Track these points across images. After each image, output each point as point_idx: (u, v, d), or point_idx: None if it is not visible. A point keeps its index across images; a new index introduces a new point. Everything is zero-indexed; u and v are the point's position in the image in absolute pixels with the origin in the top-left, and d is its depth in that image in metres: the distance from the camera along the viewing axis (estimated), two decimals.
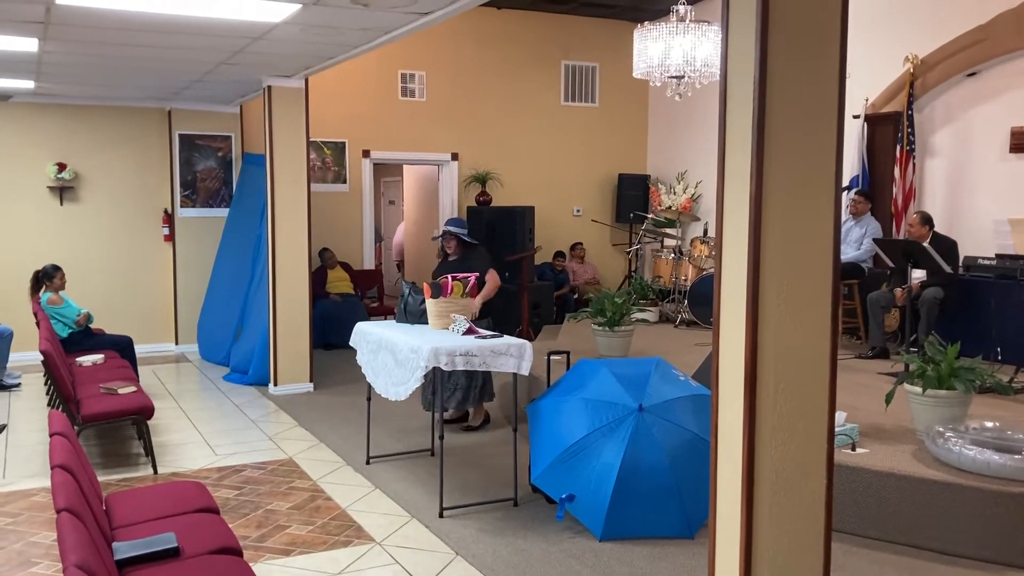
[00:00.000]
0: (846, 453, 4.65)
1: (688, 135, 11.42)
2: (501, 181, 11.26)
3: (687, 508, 4.46)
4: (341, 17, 5.53)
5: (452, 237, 6.41)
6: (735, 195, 2.87)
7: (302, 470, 5.72)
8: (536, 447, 4.78)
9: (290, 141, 7.86)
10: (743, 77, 2.80)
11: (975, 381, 4.87)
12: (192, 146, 10.04)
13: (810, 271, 2.89)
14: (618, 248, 12.04)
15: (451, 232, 6.42)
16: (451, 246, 6.43)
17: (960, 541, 4.24)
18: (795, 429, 2.92)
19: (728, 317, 2.92)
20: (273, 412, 7.31)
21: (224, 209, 10.13)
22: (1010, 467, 4.20)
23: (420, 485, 5.34)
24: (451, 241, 6.42)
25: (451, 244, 6.43)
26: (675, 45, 7.10)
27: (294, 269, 7.92)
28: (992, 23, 7.72)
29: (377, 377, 5.36)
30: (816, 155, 2.87)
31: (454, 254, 6.43)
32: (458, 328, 5.08)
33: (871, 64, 8.46)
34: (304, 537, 4.55)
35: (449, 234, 6.42)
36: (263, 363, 8.16)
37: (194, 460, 5.97)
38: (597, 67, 11.92)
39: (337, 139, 10.67)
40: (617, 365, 5.07)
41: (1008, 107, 7.76)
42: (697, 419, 4.60)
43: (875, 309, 7.63)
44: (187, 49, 6.62)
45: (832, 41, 2.86)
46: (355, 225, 10.93)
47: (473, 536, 4.54)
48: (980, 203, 7.99)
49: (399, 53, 10.46)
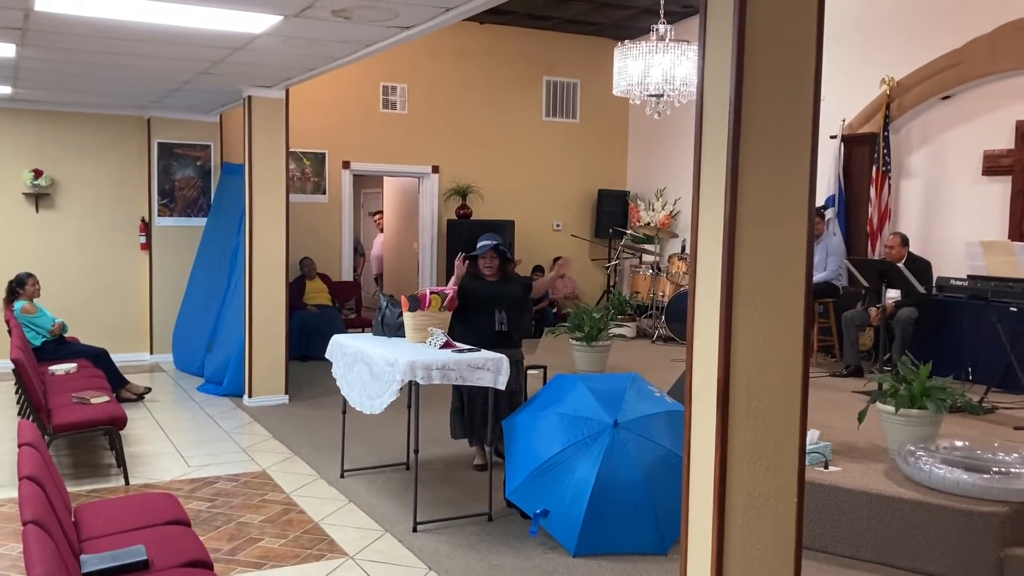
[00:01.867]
0: (819, 471, 4.68)
1: (668, 152, 11.50)
2: (482, 195, 11.28)
3: (661, 524, 4.46)
4: (322, 29, 5.53)
5: (496, 256, 5.56)
6: (710, 213, 2.89)
7: (275, 483, 5.68)
8: (511, 462, 4.78)
9: (270, 151, 7.84)
10: (719, 97, 2.83)
11: (946, 401, 4.92)
12: (171, 155, 9.99)
13: (783, 290, 2.91)
14: (597, 263, 12.08)
15: (494, 247, 5.54)
16: (492, 266, 5.57)
17: (930, 559, 4.27)
18: (767, 446, 2.94)
19: (702, 334, 2.94)
20: (247, 424, 7.26)
21: (202, 219, 10.07)
22: (979, 486, 4.25)
23: (394, 499, 5.32)
24: (494, 260, 5.55)
25: (493, 264, 5.56)
26: (655, 64, 7.17)
27: (271, 280, 7.88)
28: (966, 48, 7.85)
29: (352, 390, 5.33)
30: (790, 175, 2.90)
31: (493, 275, 5.60)
32: (435, 342, 5.07)
33: (848, 85, 8.57)
34: (276, 550, 4.52)
35: (492, 250, 5.55)
36: (238, 374, 8.10)
37: (166, 471, 5.92)
38: (578, 83, 11.99)
39: (317, 150, 10.65)
40: (593, 380, 5.09)
41: (981, 130, 7.88)
42: (672, 435, 4.62)
43: (850, 328, 7.70)
44: (167, 58, 6.60)
45: (807, 63, 2.90)
46: (334, 236, 10.90)
47: (447, 551, 4.53)
48: (954, 224, 8.10)
49: (381, 65, 10.47)
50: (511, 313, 5.54)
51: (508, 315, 5.53)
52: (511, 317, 5.54)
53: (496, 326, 5.52)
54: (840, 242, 8.57)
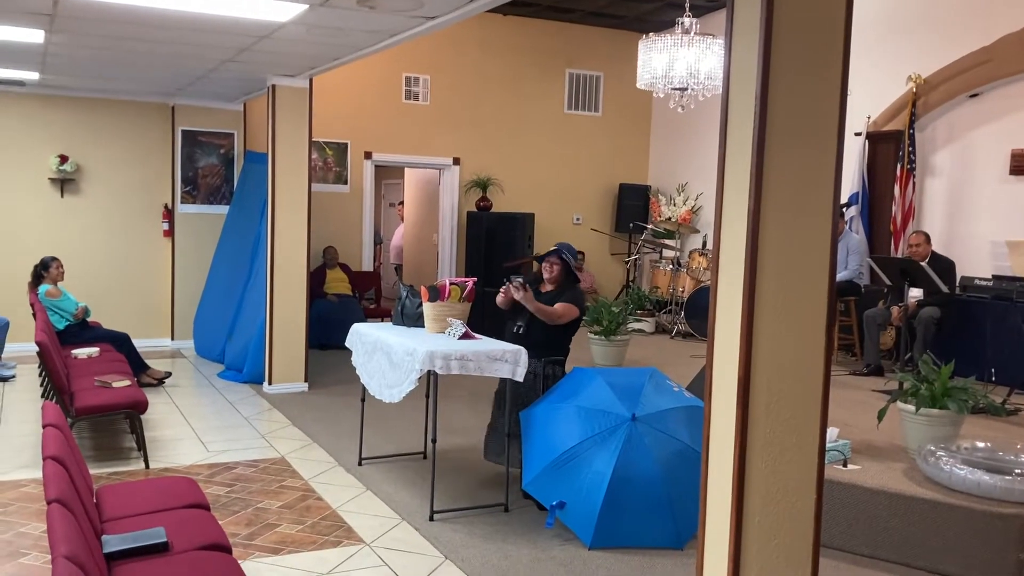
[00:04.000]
0: (837, 469, 4.66)
1: (690, 147, 11.45)
2: (502, 187, 11.28)
3: (677, 519, 4.46)
4: (347, 18, 5.54)
5: (559, 263, 5.23)
6: (733, 208, 2.88)
7: (294, 469, 5.72)
8: (528, 453, 4.78)
9: (292, 140, 7.87)
10: (745, 91, 2.82)
11: (968, 401, 4.87)
12: (194, 142, 10.05)
13: (806, 287, 2.90)
14: (617, 258, 12.05)
15: (560, 257, 5.22)
16: (554, 273, 5.24)
17: (949, 560, 4.24)
18: (787, 443, 2.93)
19: (723, 330, 2.93)
20: (267, 411, 7.31)
21: (224, 206, 10.14)
22: (1000, 487, 4.21)
23: (412, 488, 5.34)
24: (555, 267, 5.23)
25: (554, 270, 5.24)
26: (679, 57, 7.14)
27: (292, 268, 7.92)
28: (996, 45, 7.76)
29: (371, 379, 5.36)
30: (815, 172, 2.88)
31: (552, 283, 5.27)
32: (454, 332, 5.08)
33: (874, 82, 8.50)
34: (294, 536, 4.55)
35: (556, 257, 5.24)
36: (258, 361, 8.15)
37: (186, 456, 5.97)
38: (601, 76, 11.95)
39: (340, 140, 10.68)
40: (611, 374, 5.08)
41: (1009, 129, 7.79)
42: (690, 430, 4.61)
43: (871, 327, 7.65)
44: (193, 45, 6.64)
45: (835, 58, 2.88)
46: (355, 226, 10.94)
47: (463, 540, 4.54)
48: (979, 224, 8.02)
49: (404, 56, 10.49)
50: (538, 322, 5.12)
51: (531, 322, 5.17)
52: (536, 326, 5.15)
53: (515, 328, 5.27)
54: (861, 240, 8.52)
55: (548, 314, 5.08)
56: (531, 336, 5.17)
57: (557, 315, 5.10)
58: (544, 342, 5.17)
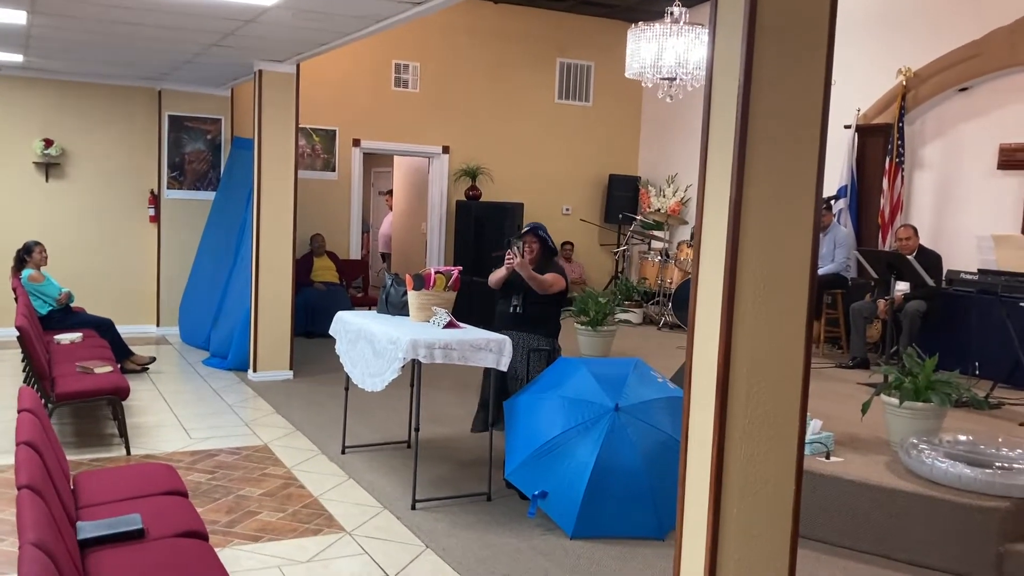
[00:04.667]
0: (820, 461, 4.66)
1: (680, 138, 11.42)
2: (492, 176, 11.24)
3: (659, 509, 4.45)
4: (333, 3, 5.49)
5: (536, 240, 5.28)
6: (715, 199, 2.86)
7: (276, 457, 5.69)
8: (511, 443, 4.77)
9: (279, 126, 7.81)
10: (728, 81, 2.79)
11: (951, 395, 4.88)
12: (181, 127, 9.97)
13: (787, 278, 2.88)
14: (606, 248, 12.04)
15: (537, 235, 5.30)
16: (534, 252, 5.26)
17: (930, 553, 4.25)
18: (766, 435, 2.91)
19: (703, 321, 2.91)
20: (251, 398, 7.28)
21: (211, 192, 10.07)
22: (981, 481, 4.22)
23: (394, 476, 5.32)
24: (535, 245, 5.27)
25: (534, 249, 5.27)
26: (668, 47, 7.12)
27: (278, 255, 7.87)
28: (986, 39, 7.75)
29: (355, 367, 5.33)
30: (798, 164, 2.86)
31: (532, 263, 5.24)
32: (439, 321, 5.05)
33: (864, 75, 8.49)
34: (274, 524, 4.53)
35: (533, 236, 5.29)
36: (243, 348, 8.12)
37: (168, 443, 5.94)
38: (592, 66, 11.91)
39: (328, 126, 10.62)
40: (596, 364, 5.07)
41: (998, 124, 7.80)
42: (673, 421, 4.60)
43: (857, 319, 7.65)
44: (178, 29, 6.57)
45: (819, 50, 2.86)
46: (343, 214, 10.89)
47: (444, 529, 4.53)
48: (966, 218, 8.03)
49: (393, 43, 10.43)
50: (532, 298, 5.21)
51: (527, 299, 5.24)
52: (531, 302, 5.24)
53: (510, 308, 5.33)
54: (849, 233, 8.52)
55: (540, 282, 5.16)
56: (527, 312, 5.26)
57: (548, 284, 5.19)
58: (540, 317, 5.27)
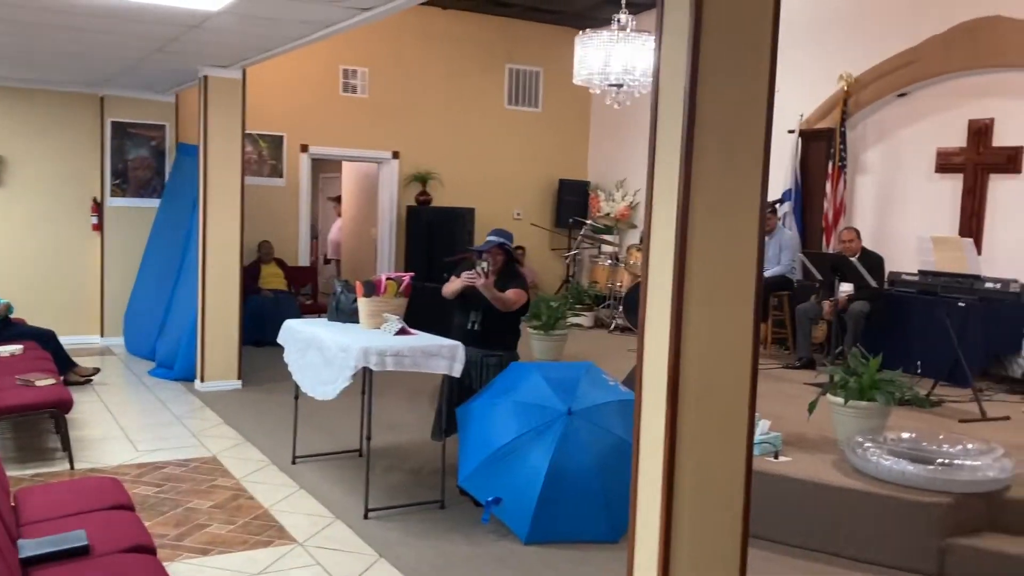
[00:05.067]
0: (768, 461, 4.73)
1: (628, 143, 11.52)
2: (442, 181, 11.22)
3: (612, 512, 4.48)
4: (280, 8, 5.44)
5: (502, 253, 5.15)
6: (663, 203, 2.89)
7: (225, 468, 5.61)
8: (464, 449, 4.76)
9: (225, 133, 7.71)
10: (674, 87, 2.83)
11: (895, 393, 5.00)
12: (125, 134, 9.78)
13: (734, 281, 2.92)
14: (557, 253, 12.09)
15: (502, 248, 5.15)
16: (498, 264, 5.13)
17: (876, 548, 4.34)
18: (716, 436, 2.95)
19: (653, 323, 2.94)
20: (198, 408, 7.16)
21: (156, 200, 9.89)
22: (924, 477, 4.32)
23: (346, 486, 5.28)
24: (499, 257, 5.14)
25: (498, 261, 5.13)
26: (615, 53, 7.17)
27: (225, 263, 7.76)
28: (921, 47, 7.96)
29: (304, 376, 5.28)
30: (743, 168, 2.91)
31: (496, 273, 5.11)
32: (390, 328, 5.03)
33: (807, 81, 8.65)
34: (224, 536, 4.46)
35: (499, 248, 5.14)
36: (190, 358, 7.98)
37: (113, 456, 5.81)
38: (541, 72, 11.96)
39: (275, 132, 10.51)
40: (548, 369, 5.08)
41: (935, 128, 8.00)
42: (625, 424, 4.62)
43: (803, 321, 7.79)
44: (120, 35, 6.44)
45: (763, 57, 2.91)
46: (291, 221, 10.77)
47: (397, 538, 4.50)
48: (907, 220, 8.22)
49: (341, 48, 10.36)
50: (490, 314, 5.13)
51: (486, 316, 5.13)
52: (490, 318, 5.13)
53: (468, 325, 5.18)
54: (794, 236, 8.68)
55: (503, 301, 5.06)
56: (485, 329, 5.13)
57: (511, 302, 5.10)
58: (499, 333, 5.19)
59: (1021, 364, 7.25)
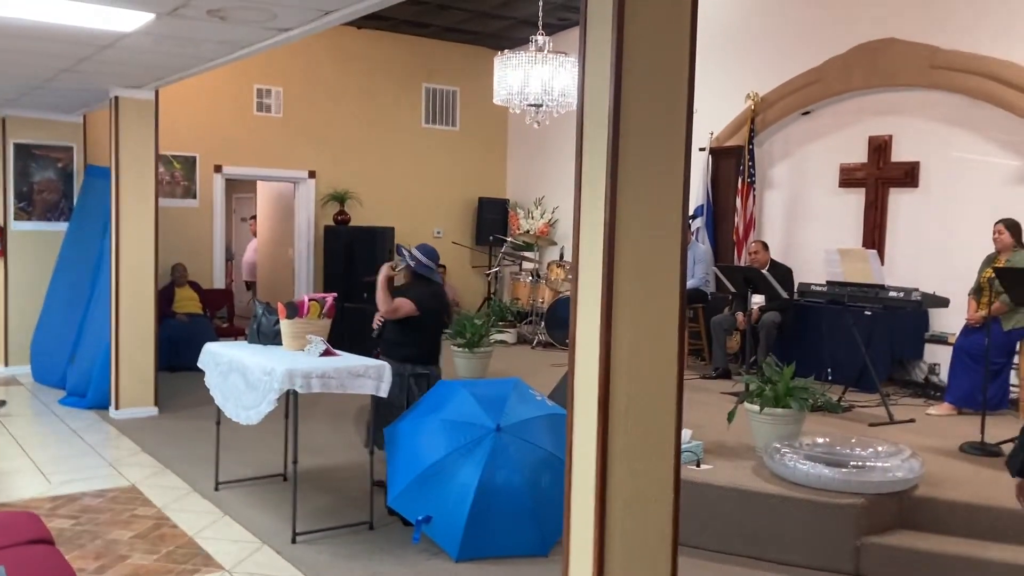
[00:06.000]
0: (691, 469, 4.85)
1: (546, 161, 11.69)
2: (361, 200, 11.17)
3: (542, 526, 4.53)
4: (197, 29, 5.37)
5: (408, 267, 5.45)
6: (590, 220, 2.97)
7: (145, 497, 5.46)
8: (393, 469, 4.75)
9: (138, 154, 7.54)
10: (599, 107, 2.92)
11: (808, 400, 5.20)
12: (29, 156, 9.46)
13: (660, 295, 3.02)
14: (478, 270, 12.15)
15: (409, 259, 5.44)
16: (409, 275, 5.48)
17: (795, 550, 4.50)
18: (645, 448, 3.04)
19: (583, 339, 3.01)
20: (114, 437, 6.95)
21: (63, 223, 9.57)
22: (838, 480, 4.51)
23: (272, 510, 5.20)
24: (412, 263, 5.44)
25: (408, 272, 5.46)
26: (534, 74, 7.29)
27: (139, 287, 7.57)
28: (824, 66, 8.32)
29: (227, 400, 5.19)
30: (666, 185, 3.01)
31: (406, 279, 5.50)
32: (314, 350, 4.99)
33: (716, 100, 8.93)
34: (148, 567, 4.35)
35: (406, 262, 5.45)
36: (103, 385, 7.74)
37: (24, 489, 5.59)
38: (457, 91, 12.04)
39: (188, 153, 10.31)
40: (476, 386, 5.12)
41: (838, 144, 8.37)
42: (553, 438, 4.69)
43: (718, 332, 8.02)
44: (25, 54, 6.25)
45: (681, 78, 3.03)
46: (205, 242, 10.57)
47: (327, 561, 4.46)
48: (814, 233, 8.56)
49: (255, 68, 10.24)
50: (390, 322, 5.32)
51: (386, 324, 5.35)
52: (389, 326, 5.33)
53: (372, 332, 5.44)
54: (707, 250, 8.94)
55: (382, 301, 5.21)
56: (384, 334, 5.29)
57: (393, 306, 5.23)
58: (396, 342, 5.26)
59: (923, 369, 7.62)
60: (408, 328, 5.34)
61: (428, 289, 5.46)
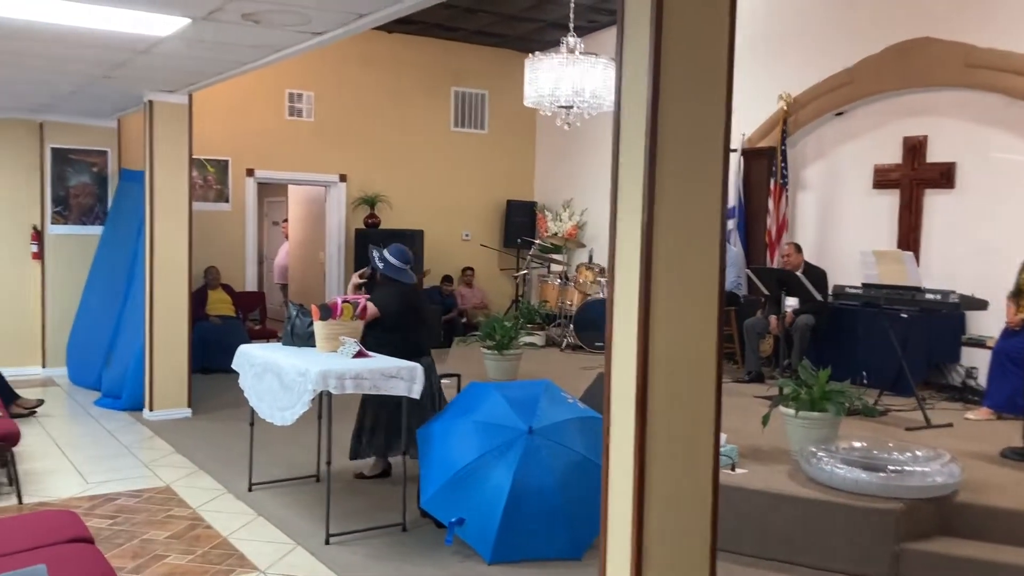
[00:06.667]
0: (726, 473, 4.81)
1: (574, 163, 11.66)
2: (391, 204, 11.21)
3: (575, 529, 4.51)
4: (231, 33, 5.42)
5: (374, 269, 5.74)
6: (627, 222, 2.95)
7: (180, 498, 5.51)
8: (426, 471, 4.76)
9: (172, 158, 7.62)
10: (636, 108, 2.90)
11: (844, 404, 5.13)
12: (65, 160, 9.59)
13: (698, 297, 3.00)
14: (506, 273, 12.15)
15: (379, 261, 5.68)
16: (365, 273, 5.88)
17: (832, 556, 4.44)
18: (684, 449, 3.01)
19: (620, 341, 2.99)
20: (148, 438, 7.02)
21: (98, 227, 9.70)
22: (876, 484, 4.45)
23: (306, 511, 5.23)
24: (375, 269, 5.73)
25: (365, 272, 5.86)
26: (565, 76, 7.27)
27: (173, 290, 7.65)
28: (856, 67, 8.23)
29: (261, 401, 5.22)
30: (703, 186, 2.99)
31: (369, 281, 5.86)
32: (347, 351, 5.01)
33: (748, 101, 8.83)
34: (184, 567, 4.38)
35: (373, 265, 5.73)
36: (137, 387, 7.82)
37: (63, 489, 5.66)
38: (486, 94, 12.06)
39: (220, 157, 10.41)
40: (507, 388, 5.11)
41: (872, 145, 8.27)
42: (585, 441, 4.68)
43: (751, 335, 7.95)
44: (63, 60, 6.35)
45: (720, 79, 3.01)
46: (238, 245, 10.66)
47: (360, 562, 4.47)
48: (847, 235, 8.46)
49: (287, 72, 10.32)
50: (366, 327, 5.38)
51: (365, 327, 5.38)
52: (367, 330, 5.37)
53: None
54: (739, 252, 8.87)
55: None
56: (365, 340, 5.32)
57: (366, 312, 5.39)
58: (374, 344, 5.29)
59: (960, 372, 7.51)
60: (380, 330, 5.48)
61: (394, 289, 5.60)
